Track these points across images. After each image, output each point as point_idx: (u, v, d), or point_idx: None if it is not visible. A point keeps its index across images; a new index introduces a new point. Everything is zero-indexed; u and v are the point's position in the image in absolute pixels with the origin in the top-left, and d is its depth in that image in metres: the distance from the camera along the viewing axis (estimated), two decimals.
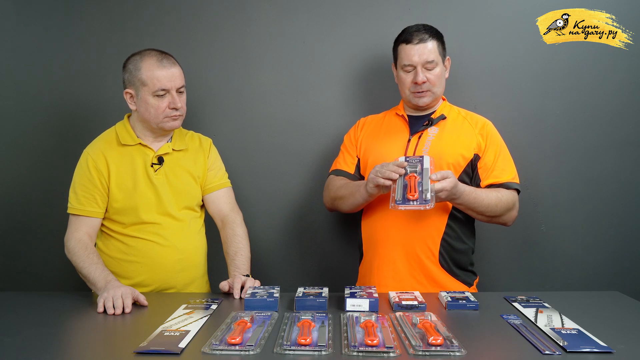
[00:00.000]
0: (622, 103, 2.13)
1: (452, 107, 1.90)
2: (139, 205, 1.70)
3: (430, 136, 1.81)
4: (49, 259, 2.24)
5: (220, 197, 1.84)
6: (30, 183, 2.26)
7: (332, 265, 2.25)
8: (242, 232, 1.79)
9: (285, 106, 2.22)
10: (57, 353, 1.15)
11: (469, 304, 1.42)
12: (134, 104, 1.72)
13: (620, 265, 2.17)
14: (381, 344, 1.13)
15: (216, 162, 1.87)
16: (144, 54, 1.71)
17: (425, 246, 1.75)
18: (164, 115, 1.69)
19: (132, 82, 1.69)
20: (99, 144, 1.76)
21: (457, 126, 1.83)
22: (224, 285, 1.60)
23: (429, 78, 1.78)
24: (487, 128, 1.83)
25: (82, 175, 1.71)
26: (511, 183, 1.77)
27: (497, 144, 1.82)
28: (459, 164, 1.77)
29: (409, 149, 1.80)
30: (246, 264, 1.71)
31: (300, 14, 2.19)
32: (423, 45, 1.77)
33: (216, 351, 1.12)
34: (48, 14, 2.21)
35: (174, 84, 1.68)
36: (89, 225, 1.70)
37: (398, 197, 1.56)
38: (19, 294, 1.71)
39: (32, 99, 2.24)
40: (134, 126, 1.77)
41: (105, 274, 1.57)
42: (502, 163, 1.79)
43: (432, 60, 1.77)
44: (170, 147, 1.77)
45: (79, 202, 1.70)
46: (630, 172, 2.15)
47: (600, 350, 1.13)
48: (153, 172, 1.73)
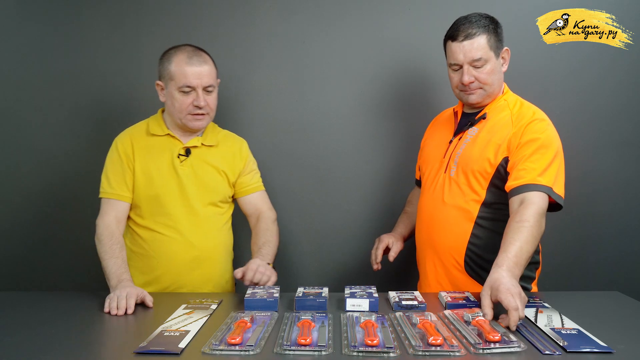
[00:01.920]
0: (622, 103, 2.13)
1: (506, 102, 1.69)
2: (160, 194, 1.72)
3: (467, 138, 1.69)
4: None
5: (257, 198, 1.86)
6: (29, 183, 2.26)
7: (332, 265, 2.25)
8: (275, 229, 1.82)
9: (285, 106, 2.22)
10: (57, 353, 1.15)
11: (468, 304, 1.42)
12: (163, 96, 1.75)
13: (620, 265, 2.17)
14: (381, 344, 1.13)
15: (253, 165, 1.90)
16: (178, 48, 1.72)
17: (449, 255, 1.68)
18: (187, 112, 1.70)
19: (163, 74, 1.72)
20: (129, 132, 1.79)
21: (497, 127, 1.65)
22: (237, 273, 1.57)
23: (477, 77, 1.63)
24: (529, 126, 1.59)
25: (112, 160, 1.74)
26: (534, 185, 1.50)
27: (540, 141, 1.56)
28: (485, 171, 1.61)
29: (448, 152, 1.72)
30: (271, 255, 1.72)
31: (300, 14, 2.19)
32: (469, 42, 1.61)
33: (216, 351, 1.12)
34: (48, 13, 2.21)
35: (201, 82, 1.68)
36: (118, 210, 1.71)
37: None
38: (19, 294, 1.70)
39: (32, 98, 2.24)
40: (165, 119, 1.79)
41: (120, 272, 1.57)
42: (536, 160, 1.53)
43: (480, 57, 1.61)
44: (199, 141, 1.78)
45: (110, 186, 1.72)
46: (631, 172, 2.15)
47: (600, 350, 1.13)
48: (179, 162, 1.74)
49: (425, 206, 1.76)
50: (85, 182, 2.23)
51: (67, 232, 2.26)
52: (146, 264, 1.74)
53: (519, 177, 1.54)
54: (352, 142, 2.22)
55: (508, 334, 1.17)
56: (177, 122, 1.74)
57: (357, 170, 2.22)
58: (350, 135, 2.21)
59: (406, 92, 2.18)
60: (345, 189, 2.23)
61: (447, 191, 1.68)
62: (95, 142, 2.22)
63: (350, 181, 2.22)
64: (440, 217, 1.69)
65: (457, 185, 1.66)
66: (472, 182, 1.64)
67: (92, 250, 2.21)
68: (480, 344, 1.13)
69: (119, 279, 1.54)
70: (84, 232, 2.24)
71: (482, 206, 1.64)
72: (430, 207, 1.73)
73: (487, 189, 1.63)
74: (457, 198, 1.66)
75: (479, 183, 1.63)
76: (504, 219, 1.55)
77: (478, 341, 1.14)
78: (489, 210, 1.64)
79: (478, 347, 1.12)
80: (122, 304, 1.41)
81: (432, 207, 1.72)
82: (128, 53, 2.21)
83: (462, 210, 1.65)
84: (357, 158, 2.22)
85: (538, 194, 1.51)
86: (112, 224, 1.68)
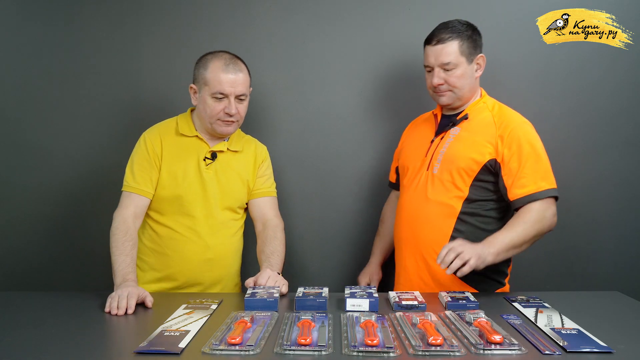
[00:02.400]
0: (622, 103, 2.13)
1: (485, 104, 1.79)
2: (184, 195, 1.73)
3: (450, 137, 1.76)
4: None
5: (266, 203, 1.85)
6: (29, 183, 2.26)
7: (332, 265, 2.25)
8: (282, 237, 1.81)
9: (285, 106, 2.22)
10: (57, 353, 1.15)
11: (469, 304, 1.42)
12: (196, 100, 1.76)
13: (620, 265, 2.17)
14: (381, 344, 1.13)
15: (268, 170, 1.90)
16: (215, 54, 1.74)
17: (431, 249, 1.72)
18: (217, 118, 1.71)
19: (198, 79, 1.73)
20: (158, 128, 1.79)
21: (479, 127, 1.74)
22: (249, 282, 1.58)
23: (447, 80, 1.72)
24: (512, 130, 1.69)
25: (140, 155, 1.75)
26: (540, 193, 1.64)
27: (524, 147, 1.67)
28: (470, 169, 1.70)
29: (430, 151, 1.79)
30: (279, 264, 1.72)
31: (300, 14, 2.19)
32: (441, 46, 1.71)
33: (216, 351, 1.12)
34: (48, 13, 2.21)
35: (235, 90, 1.69)
36: (137, 205, 1.71)
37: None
38: (19, 294, 1.70)
39: (32, 98, 2.23)
40: (194, 121, 1.80)
41: (127, 271, 1.57)
42: (530, 169, 1.66)
43: (449, 62, 1.71)
44: (225, 146, 1.79)
45: (135, 181, 1.72)
46: (631, 172, 2.15)
47: (600, 350, 1.13)
48: (204, 166, 1.76)
49: (407, 203, 1.81)
50: (85, 182, 2.23)
51: (67, 232, 2.25)
52: (160, 260, 1.75)
53: (522, 186, 1.65)
54: (352, 142, 2.21)
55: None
56: (207, 126, 1.76)
57: (357, 170, 2.22)
58: (351, 135, 2.21)
59: (406, 92, 2.18)
60: (346, 189, 2.23)
61: (430, 188, 1.74)
62: (96, 142, 2.22)
63: (351, 181, 2.22)
64: (423, 213, 1.74)
65: (441, 182, 1.73)
66: (456, 179, 1.71)
67: (92, 251, 2.23)
68: (481, 345, 1.13)
69: (124, 278, 1.54)
70: (84, 232, 2.25)
71: (464, 202, 1.71)
72: (413, 203, 1.78)
73: (471, 185, 1.70)
74: (440, 195, 1.73)
75: (463, 180, 1.70)
76: (485, 215, 1.72)
77: (479, 341, 1.14)
78: (471, 206, 1.72)
79: (479, 347, 1.12)
80: (123, 304, 1.41)
81: (416, 203, 1.77)
82: (128, 53, 2.21)
83: (446, 206, 1.71)
84: (357, 158, 2.22)
85: (545, 201, 1.65)
86: (129, 219, 1.68)
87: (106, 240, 1.67)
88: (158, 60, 2.19)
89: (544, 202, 1.65)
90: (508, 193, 1.67)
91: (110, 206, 1.75)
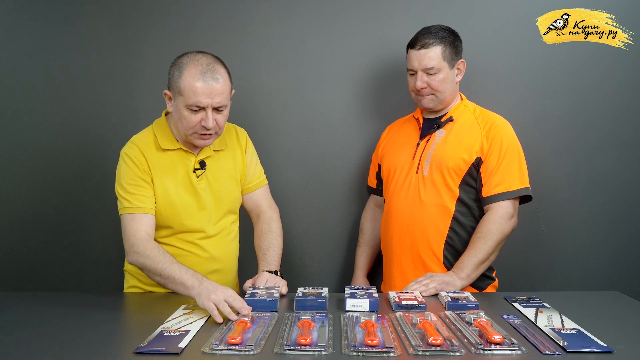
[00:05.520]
0: (622, 103, 2.13)
1: (466, 107, 1.86)
2: (181, 212, 1.63)
3: (436, 139, 1.81)
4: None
5: (259, 194, 1.81)
6: (29, 183, 2.26)
7: (332, 265, 2.25)
8: (278, 228, 1.77)
9: (285, 106, 2.22)
10: (57, 353, 1.15)
11: (468, 304, 1.42)
12: (171, 106, 1.60)
13: (620, 265, 2.17)
14: (381, 344, 1.13)
15: (254, 157, 1.82)
16: (191, 59, 1.54)
17: (429, 251, 1.77)
18: (194, 131, 1.55)
19: (172, 86, 1.56)
20: (136, 144, 1.63)
21: (464, 128, 1.80)
22: (247, 286, 1.57)
23: (429, 83, 1.78)
24: (495, 130, 1.76)
25: (128, 174, 1.59)
26: (506, 193, 1.71)
27: (504, 146, 1.74)
28: (459, 168, 1.75)
29: (417, 154, 1.82)
30: (277, 260, 1.70)
31: (300, 14, 2.19)
32: (424, 51, 1.76)
33: (216, 351, 1.12)
34: (48, 13, 2.21)
35: (212, 101, 1.51)
36: (147, 224, 1.57)
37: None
38: (19, 294, 1.70)
39: (32, 98, 2.23)
40: (172, 129, 1.66)
41: (191, 272, 1.46)
42: (505, 168, 1.72)
43: (432, 66, 1.76)
44: (210, 148, 1.68)
45: (137, 200, 1.57)
46: (631, 172, 2.15)
47: (600, 350, 1.13)
48: (195, 177, 1.64)
49: (400, 206, 1.82)
50: (85, 182, 2.23)
51: (67, 232, 2.25)
52: None
53: (496, 184, 1.72)
54: (352, 142, 2.22)
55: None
56: (184, 137, 1.62)
57: (357, 170, 2.22)
58: (350, 135, 2.21)
59: (406, 92, 2.17)
60: (345, 189, 2.23)
61: (423, 190, 1.78)
62: (96, 142, 2.22)
63: (350, 181, 2.22)
64: (418, 216, 1.77)
65: (433, 183, 1.77)
66: (447, 180, 1.75)
67: (92, 251, 2.23)
68: (481, 345, 1.13)
69: (199, 280, 1.42)
70: (84, 232, 2.25)
71: (457, 202, 1.76)
72: (407, 207, 1.80)
73: (460, 185, 1.75)
74: (434, 196, 1.76)
75: (453, 180, 1.75)
76: (475, 214, 1.78)
77: (479, 341, 1.14)
78: (464, 206, 1.77)
79: (479, 347, 1.12)
80: (227, 309, 1.33)
81: (410, 206, 1.80)
82: (128, 53, 2.21)
83: (442, 207, 1.76)
84: (357, 158, 2.22)
85: (507, 202, 1.71)
86: (145, 238, 1.55)
87: (106, 240, 1.66)
88: (158, 60, 2.19)
89: (509, 203, 1.72)
90: (482, 189, 1.74)
91: (110, 206, 1.74)
